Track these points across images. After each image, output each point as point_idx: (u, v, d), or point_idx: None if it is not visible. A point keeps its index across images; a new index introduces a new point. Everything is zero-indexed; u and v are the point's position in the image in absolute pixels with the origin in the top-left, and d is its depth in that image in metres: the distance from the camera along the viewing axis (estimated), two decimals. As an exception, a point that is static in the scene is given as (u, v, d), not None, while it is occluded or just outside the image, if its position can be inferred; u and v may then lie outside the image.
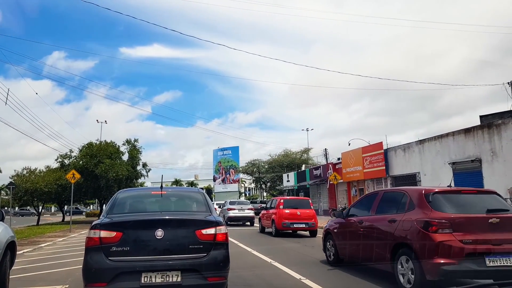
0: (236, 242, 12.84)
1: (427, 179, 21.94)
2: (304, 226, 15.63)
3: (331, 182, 28.33)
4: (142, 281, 4.56)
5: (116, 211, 5.42)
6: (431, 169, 21.93)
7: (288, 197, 19.55)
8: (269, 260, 9.11)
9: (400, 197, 6.93)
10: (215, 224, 5.01)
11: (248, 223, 23.09)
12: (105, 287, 4.55)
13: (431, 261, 5.58)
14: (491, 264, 5.49)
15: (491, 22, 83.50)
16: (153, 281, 4.59)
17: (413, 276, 5.82)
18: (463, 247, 5.51)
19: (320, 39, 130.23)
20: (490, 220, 5.78)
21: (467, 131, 19.69)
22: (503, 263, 5.49)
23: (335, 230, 8.69)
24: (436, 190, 6.44)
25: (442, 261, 5.50)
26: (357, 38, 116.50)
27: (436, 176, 21.05)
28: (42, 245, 13.82)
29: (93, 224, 4.91)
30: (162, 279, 4.61)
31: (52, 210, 75.80)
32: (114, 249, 4.67)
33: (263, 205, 28.36)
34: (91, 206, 76.30)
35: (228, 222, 21.67)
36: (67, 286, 6.58)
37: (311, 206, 16.70)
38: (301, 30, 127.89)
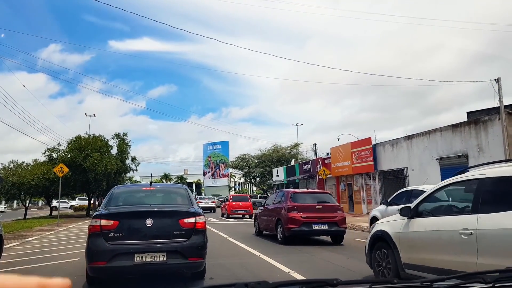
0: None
1: (415, 174, 22.17)
2: (243, 212, 25.45)
3: (320, 177, 28.47)
4: (135, 261, 5.47)
5: (113, 204, 6.36)
6: (418, 164, 22.16)
7: (235, 194, 34.56)
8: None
9: (283, 194, 12.81)
10: (195, 214, 5.96)
11: (212, 211, 34.38)
12: (105, 265, 5.44)
13: (287, 226, 11.29)
14: (314, 228, 11.33)
15: (482, 20, 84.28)
16: (144, 260, 5.51)
17: (280, 234, 11.74)
18: (302, 220, 11.22)
19: (315, 35, 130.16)
20: (317, 207, 11.63)
21: (454, 127, 19.93)
22: (318, 228, 11.37)
23: (257, 214, 14.58)
24: (296, 191, 12.69)
25: (291, 226, 11.22)
26: (352, 34, 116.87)
27: (424, 171, 21.29)
28: (30, 239, 13.67)
29: (94, 214, 5.94)
30: (151, 259, 5.54)
31: (40, 204, 74.86)
32: (112, 234, 5.56)
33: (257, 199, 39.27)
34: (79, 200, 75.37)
35: None
36: (54, 280, 6.54)
37: (249, 200, 27.15)
38: (296, 25, 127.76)
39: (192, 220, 5.87)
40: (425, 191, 11.27)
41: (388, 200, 12.42)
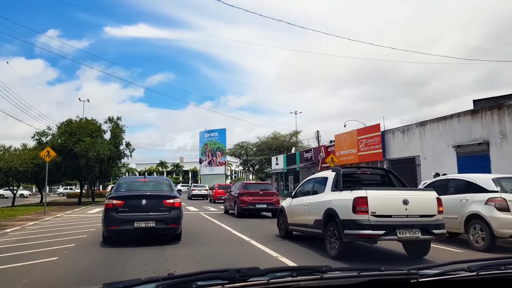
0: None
1: (428, 163, 20.81)
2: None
3: (327, 165, 27.06)
4: (135, 226, 8.55)
5: (120, 189, 9.48)
6: (432, 152, 20.77)
7: (221, 183, 37.42)
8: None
9: (239, 184, 18.60)
10: (174, 197, 9.16)
11: (205, 198, 35.96)
12: (116, 228, 8.54)
13: (239, 206, 16.58)
14: (257, 207, 16.46)
15: (486, 10, 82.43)
16: (140, 225, 8.59)
17: (235, 211, 17.01)
18: (249, 201, 16.41)
19: (315, 23, 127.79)
20: (259, 192, 16.86)
21: (474, 112, 18.48)
22: (259, 206, 16.49)
23: (225, 198, 20.21)
24: (247, 183, 20.03)
25: (242, 205, 16.47)
26: (353, 24, 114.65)
27: (438, 160, 19.95)
28: (8, 230, 12.11)
29: (108, 196, 9.22)
30: (145, 225, 8.63)
31: (33, 191, 73.07)
32: (120, 209, 8.63)
33: None
34: (74, 187, 73.80)
35: (192, 198, 36.38)
36: (17, 290, 5.07)
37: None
38: (296, 14, 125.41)
39: (171, 201, 9.01)
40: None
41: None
